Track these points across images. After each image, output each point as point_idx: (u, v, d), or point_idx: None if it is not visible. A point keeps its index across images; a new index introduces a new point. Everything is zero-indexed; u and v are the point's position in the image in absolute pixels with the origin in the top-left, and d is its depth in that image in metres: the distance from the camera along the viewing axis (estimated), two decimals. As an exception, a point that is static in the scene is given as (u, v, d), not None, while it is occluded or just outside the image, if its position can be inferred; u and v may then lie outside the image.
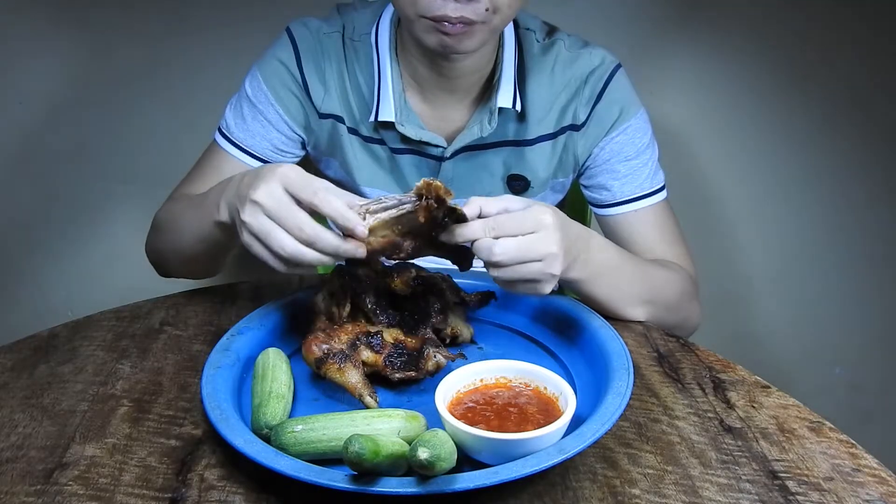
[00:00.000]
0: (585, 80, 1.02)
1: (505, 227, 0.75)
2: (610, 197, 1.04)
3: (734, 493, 0.66)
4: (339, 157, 1.06)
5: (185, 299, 1.00)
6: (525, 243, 0.75)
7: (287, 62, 1.02)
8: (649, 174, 1.04)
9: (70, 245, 1.78)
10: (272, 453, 0.65)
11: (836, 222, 1.76)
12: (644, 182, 1.03)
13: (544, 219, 0.76)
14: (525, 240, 0.75)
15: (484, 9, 0.85)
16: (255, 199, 0.74)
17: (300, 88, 1.02)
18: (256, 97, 1.03)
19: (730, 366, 0.85)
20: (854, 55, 1.63)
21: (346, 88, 1.03)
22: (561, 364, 0.84)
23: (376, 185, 1.07)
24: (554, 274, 0.77)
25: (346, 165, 1.06)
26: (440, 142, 1.01)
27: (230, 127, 1.04)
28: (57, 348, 0.89)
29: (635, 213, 1.04)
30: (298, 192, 0.73)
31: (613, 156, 1.03)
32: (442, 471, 0.60)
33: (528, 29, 1.03)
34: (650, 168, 1.04)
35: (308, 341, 0.77)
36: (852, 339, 1.83)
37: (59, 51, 1.63)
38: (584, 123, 1.03)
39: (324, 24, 1.03)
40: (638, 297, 0.93)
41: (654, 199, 1.04)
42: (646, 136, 1.04)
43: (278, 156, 1.05)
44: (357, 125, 1.04)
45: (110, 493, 0.66)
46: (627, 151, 1.03)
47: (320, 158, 1.09)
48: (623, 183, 1.03)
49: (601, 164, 1.04)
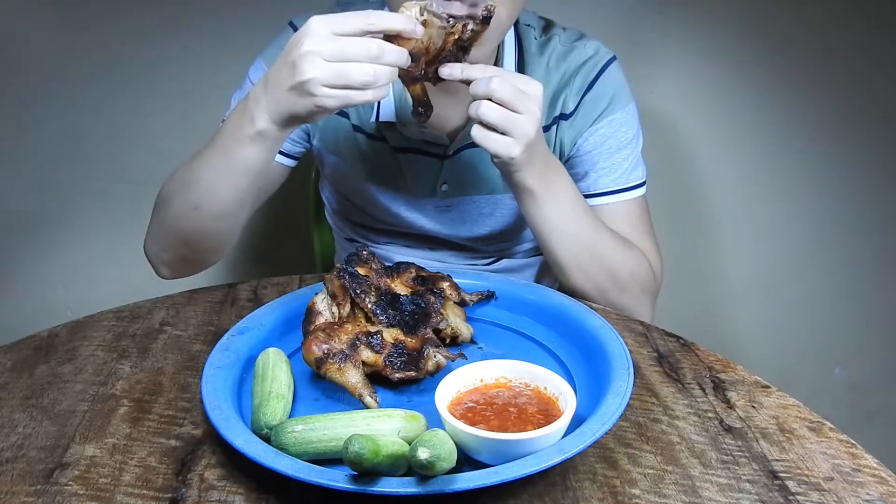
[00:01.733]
0: (578, 70, 1.02)
1: (501, 93, 0.81)
2: (585, 187, 1.05)
3: (734, 493, 0.66)
4: (342, 153, 1.06)
5: (185, 299, 1.00)
6: (507, 117, 0.82)
7: None
8: (628, 169, 1.04)
9: (70, 245, 1.78)
10: (272, 453, 0.65)
11: (836, 221, 1.76)
12: (620, 178, 1.03)
13: (536, 111, 0.83)
14: (509, 114, 0.82)
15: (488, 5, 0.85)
16: (309, 51, 0.74)
17: None
18: None
19: (730, 366, 0.85)
20: (852, 53, 1.63)
21: None
22: (561, 364, 0.84)
23: (377, 181, 1.07)
24: (512, 156, 0.85)
25: (348, 161, 1.06)
26: (442, 140, 1.01)
27: None
28: (57, 348, 0.89)
29: (607, 206, 1.04)
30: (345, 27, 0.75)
31: (596, 147, 1.04)
32: (442, 471, 0.60)
33: (527, 25, 1.04)
34: (630, 163, 1.04)
35: (308, 341, 0.77)
36: (852, 339, 1.83)
37: (58, 50, 1.63)
38: (573, 113, 1.03)
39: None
40: (582, 245, 0.95)
41: (630, 195, 1.04)
42: (630, 130, 1.04)
43: (284, 146, 1.05)
44: (361, 122, 1.04)
45: (110, 493, 0.66)
46: (610, 144, 1.03)
47: (323, 153, 1.09)
48: (600, 175, 1.04)
49: (583, 154, 1.05)
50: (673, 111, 1.67)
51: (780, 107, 1.68)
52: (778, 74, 1.65)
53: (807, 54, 1.63)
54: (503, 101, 0.82)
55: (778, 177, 1.74)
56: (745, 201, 1.77)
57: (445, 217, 1.09)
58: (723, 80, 1.68)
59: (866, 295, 1.80)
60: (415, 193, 1.07)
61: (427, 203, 1.08)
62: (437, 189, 1.06)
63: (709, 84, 1.69)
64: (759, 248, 1.80)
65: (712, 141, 1.73)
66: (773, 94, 1.67)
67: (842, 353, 1.85)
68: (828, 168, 1.72)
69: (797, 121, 1.69)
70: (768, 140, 1.72)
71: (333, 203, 1.19)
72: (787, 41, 1.63)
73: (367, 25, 0.74)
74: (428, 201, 1.08)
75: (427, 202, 1.08)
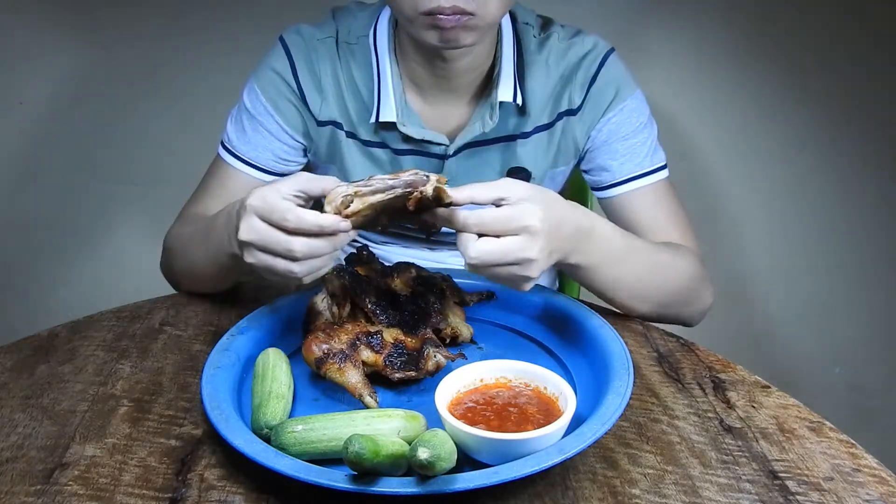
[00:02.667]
0: (578, 64, 1.02)
1: (488, 225, 0.73)
2: (609, 178, 1.04)
3: (734, 493, 0.66)
4: (338, 163, 1.06)
5: (185, 299, 1.00)
6: (504, 247, 0.73)
7: (282, 72, 1.02)
8: (648, 152, 1.03)
9: (70, 245, 1.78)
10: (272, 453, 0.65)
11: (836, 222, 1.76)
12: (643, 160, 1.03)
13: (531, 223, 0.73)
14: (505, 243, 0.73)
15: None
16: (242, 240, 0.76)
17: (297, 97, 1.02)
18: (255, 109, 1.03)
19: (730, 366, 0.85)
20: (854, 48, 1.63)
21: (342, 93, 1.03)
22: (561, 364, 0.84)
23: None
24: (531, 277, 0.76)
25: (344, 171, 1.06)
26: (443, 140, 1.01)
27: (232, 140, 1.04)
28: (57, 348, 0.89)
29: (636, 192, 1.03)
30: (270, 220, 0.74)
31: (611, 136, 1.03)
32: (442, 471, 0.60)
33: (525, 23, 1.04)
34: (649, 146, 1.04)
35: (308, 341, 0.77)
36: (853, 339, 1.83)
37: (59, 51, 1.63)
38: (580, 107, 1.03)
39: (317, 30, 1.03)
40: (645, 288, 0.93)
41: (655, 178, 1.03)
42: (643, 115, 1.04)
43: (282, 165, 1.05)
44: (355, 129, 1.04)
45: (110, 493, 0.66)
46: (625, 131, 1.03)
47: (319, 165, 1.09)
48: (622, 162, 1.03)
49: (599, 145, 1.04)
50: (672, 110, 1.67)
51: (780, 106, 1.68)
52: (777, 71, 1.65)
53: (808, 49, 1.63)
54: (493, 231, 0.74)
55: (778, 177, 1.74)
56: (745, 201, 1.77)
57: None
58: (723, 78, 1.68)
59: (867, 295, 1.80)
60: None
61: None
62: None
63: (708, 82, 1.69)
64: (758, 248, 1.81)
65: (712, 140, 1.73)
66: (772, 92, 1.67)
67: (842, 353, 1.85)
68: (828, 168, 1.72)
69: (797, 121, 1.69)
70: (768, 140, 1.72)
71: None
72: (787, 37, 1.63)
73: (282, 222, 0.73)
74: None
75: None
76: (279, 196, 0.74)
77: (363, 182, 0.74)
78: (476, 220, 0.73)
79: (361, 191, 0.73)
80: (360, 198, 0.73)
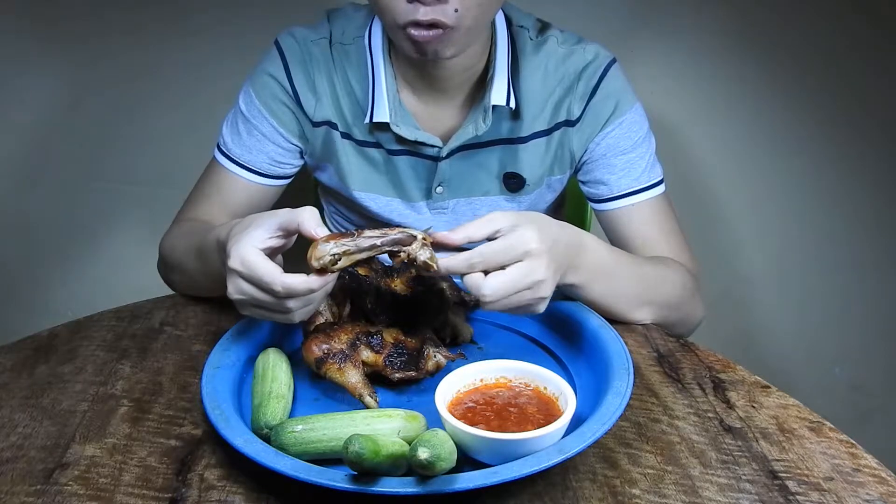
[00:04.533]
0: (579, 75, 1.02)
1: (492, 259, 0.74)
2: (607, 191, 1.04)
3: (734, 493, 0.66)
4: (334, 163, 1.06)
5: (185, 299, 1.00)
6: (513, 277, 0.74)
7: (276, 75, 1.02)
8: (646, 167, 1.03)
9: (71, 245, 1.78)
10: (272, 453, 0.65)
11: (835, 221, 1.76)
12: (641, 176, 1.03)
13: (530, 246, 0.74)
14: (513, 272, 0.74)
15: (453, 10, 0.84)
16: (232, 296, 0.76)
17: (291, 99, 1.02)
18: (250, 112, 1.03)
19: (730, 366, 0.85)
20: (854, 48, 1.62)
21: (336, 94, 1.03)
22: (561, 364, 0.84)
23: (371, 189, 1.06)
24: (545, 297, 0.77)
25: (339, 171, 1.06)
26: (436, 142, 1.01)
27: (228, 144, 1.04)
28: (57, 348, 0.89)
29: (633, 208, 1.03)
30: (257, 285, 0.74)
31: (609, 150, 1.03)
32: (442, 471, 0.60)
33: (521, 26, 1.03)
34: (647, 161, 1.04)
35: (308, 341, 0.77)
36: (852, 339, 1.83)
37: (60, 52, 1.63)
38: (579, 119, 1.03)
39: (311, 32, 1.03)
40: (637, 297, 0.93)
41: (652, 193, 1.04)
42: (642, 129, 1.04)
43: (277, 168, 1.05)
44: (350, 129, 1.04)
45: (110, 493, 0.66)
46: (623, 145, 1.03)
47: (317, 165, 1.09)
48: (620, 177, 1.03)
49: (597, 158, 1.04)
50: (673, 112, 1.67)
51: (779, 108, 1.68)
52: (777, 73, 1.65)
53: (806, 50, 1.63)
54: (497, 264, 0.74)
55: (777, 177, 1.74)
56: (745, 202, 1.77)
57: (441, 219, 1.08)
58: (716, 78, 1.68)
59: (866, 295, 1.80)
60: (410, 196, 1.07)
61: (422, 206, 1.08)
62: (432, 191, 1.06)
63: (708, 85, 1.69)
64: (758, 248, 1.80)
65: (712, 142, 1.73)
66: (771, 94, 1.67)
67: (842, 353, 1.85)
68: (828, 168, 1.72)
69: (798, 123, 1.69)
70: (768, 140, 1.71)
71: (331, 208, 1.19)
72: (786, 38, 1.63)
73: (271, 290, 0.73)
74: (423, 204, 1.08)
75: (422, 205, 1.08)
76: (257, 255, 0.73)
77: (350, 239, 0.74)
78: (479, 258, 0.74)
79: (350, 249, 0.74)
80: (347, 256, 0.73)
